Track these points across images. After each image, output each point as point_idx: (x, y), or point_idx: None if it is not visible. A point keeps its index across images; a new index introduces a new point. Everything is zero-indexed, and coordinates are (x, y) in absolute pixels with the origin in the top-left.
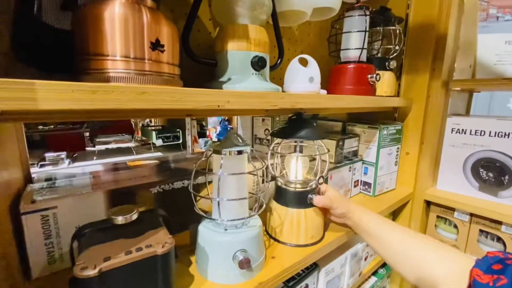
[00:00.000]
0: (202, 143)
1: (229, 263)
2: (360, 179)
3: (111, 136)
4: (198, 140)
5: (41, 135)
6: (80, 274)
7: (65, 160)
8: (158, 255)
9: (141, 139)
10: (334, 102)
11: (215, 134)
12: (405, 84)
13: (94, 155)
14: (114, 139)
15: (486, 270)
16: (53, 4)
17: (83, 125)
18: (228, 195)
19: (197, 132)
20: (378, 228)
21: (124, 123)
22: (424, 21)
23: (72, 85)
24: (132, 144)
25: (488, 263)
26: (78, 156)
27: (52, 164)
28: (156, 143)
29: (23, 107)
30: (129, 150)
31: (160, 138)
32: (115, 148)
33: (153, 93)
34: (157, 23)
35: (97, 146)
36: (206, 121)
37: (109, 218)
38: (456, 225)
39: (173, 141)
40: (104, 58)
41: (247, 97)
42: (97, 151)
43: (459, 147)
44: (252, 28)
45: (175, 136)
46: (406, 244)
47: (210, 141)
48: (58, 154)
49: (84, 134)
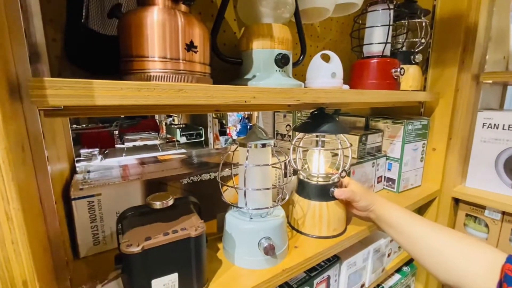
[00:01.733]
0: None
1: (254, 249)
2: (384, 175)
3: (138, 134)
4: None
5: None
6: (126, 250)
7: (97, 156)
8: (191, 237)
9: (166, 136)
10: (357, 97)
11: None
12: (432, 77)
13: (123, 152)
14: (141, 137)
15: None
16: (98, 12)
17: (112, 124)
18: (253, 185)
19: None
20: (403, 221)
21: (150, 122)
22: (453, 12)
23: (121, 83)
24: (157, 142)
25: None
26: (109, 152)
27: (86, 160)
28: (180, 140)
29: (82, 103)
30: (155, 147)
31: (184, 136)
32: (142, 145)
33: (189, 90)
34: (190, 26)
35: (126, 143)
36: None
37: (148, 203)
38: (486, 223)
39: (196, 138)
40: (145, 59)
41: (271, 93)
42: (126, 148)
43: (490, 143)
44: (276, 26)
45: (198, 133)
46: (433, 238)
47: (230, 138)
48: (91, 151)
49: (114, 132)
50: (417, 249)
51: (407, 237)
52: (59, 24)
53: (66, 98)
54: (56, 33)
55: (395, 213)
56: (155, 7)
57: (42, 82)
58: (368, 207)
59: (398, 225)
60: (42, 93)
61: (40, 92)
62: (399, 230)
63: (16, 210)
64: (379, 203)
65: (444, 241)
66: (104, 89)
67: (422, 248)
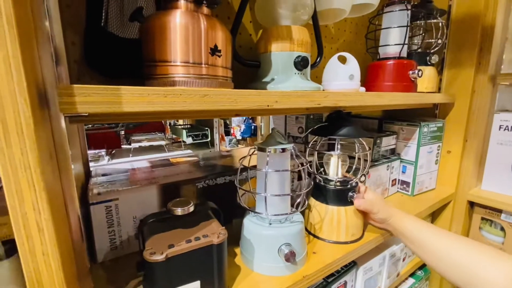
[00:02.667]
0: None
1: (274, 255)
2: (398, 177)
3: (144, 134)
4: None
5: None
6: (149, 258)
7: (104, 157)
8: (214, 244)
9: (172, 137)
10: (375, 99)
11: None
12: (447, 79)
13: (130, 153)
14: (147, 137)
15: None
16: (117, 16)
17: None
18: (272, 190)
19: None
20: (421, 234)
21: (156, 123)
22: (469, 12)
23: (148, 89)
24: (163, 142)
25: None
26: (116, 153)
27: (93, 161)
28: (186, 141)
29: (110, 109)
30: (161, 147)
31: (190, 136)
32: (148, 146)
33: (214, 95)
34: (214, 30)
35: (132, 144)
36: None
37: (169, 209)
38: (503, 227)
39: (202, 139)
40: (169, 64)
41: (294, 97)
42: (132, 149)
43: (507, 145)
44: (294, 28)
45: (204, 134)
46: (451, 249)
47: (234, 139)
48: (98, 152)
49: (120, 132)
50: (437, 261)
51: (426, 250)
52: (78, 28)
53: (94, 105)
54: (75, 37)
55: (413, 225)
56: (177, 10)
57: (71, 89)
58: (385, 220)
59: (416, 238)
60: (71, 100)
61: (69, 100)
62: (418, 243)
63: (47, 221)
64: (397, 216)
65: (462, 252)
66: (132, 95)
67: (442, 260)
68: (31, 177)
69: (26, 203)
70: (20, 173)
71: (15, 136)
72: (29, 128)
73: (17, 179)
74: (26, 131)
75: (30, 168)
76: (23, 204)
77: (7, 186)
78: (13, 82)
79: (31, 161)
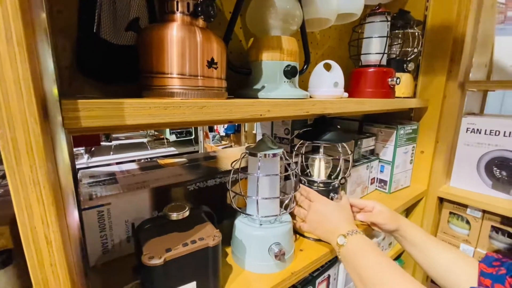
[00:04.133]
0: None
1: (265, 254)
2: (377, 176)
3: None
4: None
5: None
6: (148, 262)
7: (84, 155)
8: (210, 247)
9: (154, 134)
10: (358, 106)
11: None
12: (422, 85)
13: (111, 150)
14: (127, 135)
15: (489, 265)
16: (110, 23)
17: None
18: (263, 193)
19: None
20: (424, 243)
21: None
22: (442, 23)
23: (149, 102)
24: (145, 140)
25: (489, 260)
26: (95, 151)
27: None
28: (170, 138)
29: (113, 123)
30: (143, 145)
31: (174, 134)
32: (129, 143)
33: (211, 106)
34: (210, 43)
35: (113, 142)
36: None
37: (165, 214)
38: (468, 221)
39: (186, 136)
40: (166, 76)
41: (285, 106)
42: (113, 146)
43: (473, 146)
44: (285, 39)
45: (187, 131)
46: (444, 259)
47: (218, 135)
48: (76, 150)
49: None
50: (431, 265)
51: (426, 256)
52: (70, 34)
53: (98, 119)
54: (67, 43)
55: (418, 234)
56: (174, 23)
57: (76, 105)
58: (395, 231)
59: (419, 245)
60: (75, 115)
61: (73, 115)
62: (420, 249)
63: (55, 233)
64: (406, 227)
65: (450, 259)
66: (134, 109)
67: (434, 265)
68: (40, 192)
69: (35, 217)
70: (30, 189)
71: (25, 155)
72: (38, 146)
73: (27, 195)
74: (35, 149)
75: (39, 184)
76: (33, 218)
77: (17, 202)
78: (23, 102)
79: (40, 177)
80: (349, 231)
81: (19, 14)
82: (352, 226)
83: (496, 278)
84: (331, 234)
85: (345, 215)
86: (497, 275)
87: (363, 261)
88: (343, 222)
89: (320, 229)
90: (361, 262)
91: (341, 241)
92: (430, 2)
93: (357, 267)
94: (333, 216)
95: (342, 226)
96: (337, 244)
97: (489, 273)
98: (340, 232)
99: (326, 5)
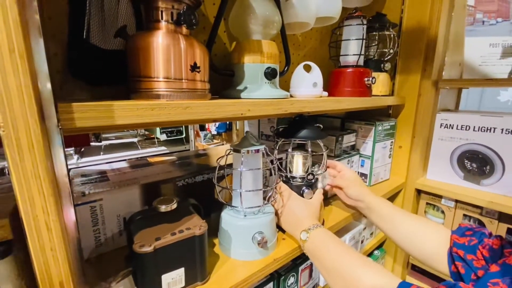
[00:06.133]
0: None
1: (249, 243)
2: (358, 170)
3: (115, 131)
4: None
5: None
6: (139, 250)
7: (73, 155)
8: (196, 236)
9: (144, 133)
10: (336, 105)
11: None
12: (399, 83)
13: (101, 151)
14: (117, 134)
15: (461, 235)
16: (99, 28)
17: None
18: (247, 186)
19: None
20: (391, 213)
21: None
22: (417, 25)
23: (137, 104)
24: (135, 139)
25: (462, 230)
26: (85, 151)
27: None
28: (160, 137)
29: (105, 123)
30: (134, 144)
31: (164, 133)
32: (120, 143)
33: (194, 107)
34: (192, 48)
35: (102, 142)
36: None
37: (155, 207)
38: (443, 210)
39: (176, 135)
40: (152, 79)
41: (264, 105)
42: (103, 147)
43: (447, 141)
44: (265, 43)
45: (178, 131)
46: (410, 226)
47: (209, 134)
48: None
49: None
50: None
51: (393, 226)
52: (60, 40)
53: (90, 120)
54: (57, 48)
55: (384, 205)
56: (160, 31)
57: (71, 107)
58: (359, 197)
59: (386, 215)
60: (70, 116)
61: (68, 116)
62: (386, 220)
63: (54, 222)
64: (370, 195)
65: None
66: (123, 110)
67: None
68: (41, 185)
69: (37, 207)
70: (32, 182)
71: (27, 152)
72: (38, 144)
73: (29, 187)
74: (36, 147)
75: (40, 177)
76: (34, 208)
77: (21, 193)
78: (25, 106)
79: (41, 172)
80: (310, 226)
81: (20, 29)
82: (314, 221)
83: (468, 249)
84: (295, 230)
85: (309, 211)
86: (469, 246)
87: (325, 253)
88: (306, 217)
89: (286, 224)
90: (324, 253)
91: (304, 236)
92: (406, 5)
93: (320, 258)
94: (297, 212)
95: (305, 221)
96: (301, 239)
97: (461, 244)
98: (303, 227)
99: (305, 9)
